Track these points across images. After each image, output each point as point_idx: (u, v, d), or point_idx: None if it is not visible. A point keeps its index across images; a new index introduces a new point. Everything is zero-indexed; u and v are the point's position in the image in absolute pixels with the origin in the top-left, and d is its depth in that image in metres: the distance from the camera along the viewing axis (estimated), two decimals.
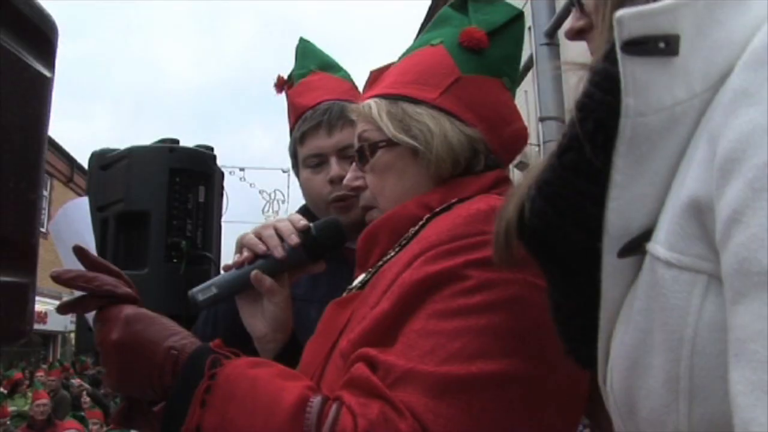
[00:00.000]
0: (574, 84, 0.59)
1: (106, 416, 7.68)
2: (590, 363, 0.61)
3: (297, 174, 1.76)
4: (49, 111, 0.56)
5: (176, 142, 2.10)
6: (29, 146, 0.54)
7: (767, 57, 0.42)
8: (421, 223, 1.05)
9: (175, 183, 2.00)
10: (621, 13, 0.50)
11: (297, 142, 1.67)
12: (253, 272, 1.16)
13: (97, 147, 2.18)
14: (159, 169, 1.98)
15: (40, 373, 11.91)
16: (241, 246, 1.29)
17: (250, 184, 11.97)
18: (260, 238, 1.24)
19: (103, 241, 2.00)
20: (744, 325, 0.38)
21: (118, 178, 2.01)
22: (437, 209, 1.05)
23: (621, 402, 0.55)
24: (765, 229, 0.37)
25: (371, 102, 1.12)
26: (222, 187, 2.30)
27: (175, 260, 2.01)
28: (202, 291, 1.19)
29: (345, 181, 1.20)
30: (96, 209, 2.04)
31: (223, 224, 2.31)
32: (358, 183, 1.16)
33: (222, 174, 2.32)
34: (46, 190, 18.45)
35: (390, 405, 0.81)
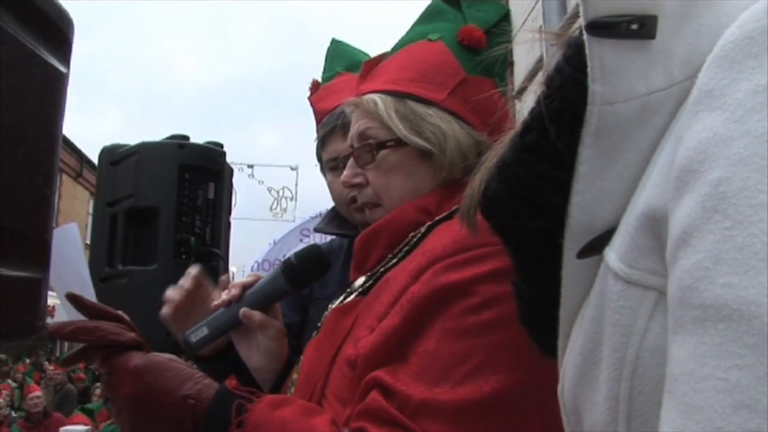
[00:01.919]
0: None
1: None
2: (554, 353, 0.56)
3: (324, 176, 1.76)
4: (64, 107, 0.56)
5: (186, 138, 2.10)
6: (44, 141, 0.54)
7: (739, 54, 0.36)
8: (422, 230, 1.03)
9: (184, 179, 2.01)
10: None
11: (319, 146, 1.67)
12: (242, 310, 1.15)
13: (106, 143, 2.19)
14: (169, 166, 1.98)
15: (51, 367, 11.95)
16: (226, 284, 1.29)
17: (259, 182, 11.97)
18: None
19: (112, 237, 2.00)
20: (679, 361, 0.34)
21: (127, 174, 2.02)
22: (438, 217, 1.03)
23: (570, 409, 0.52)
24: (711, 257, 0.33)
25: (375, 98, 1.08)
26: (231, 184, 2.30)
27: (183, 256, 2.01)
28: (194, 333, 1.20)
29: (343, 178, 1.15)
30: (105, 204, 2.05)
31: (231, 221, 2.31)
32: (358, 180, 1.12)
33: (231, 171, 2.32)
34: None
35: None
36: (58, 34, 0.56)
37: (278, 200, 11.37)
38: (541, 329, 0.61)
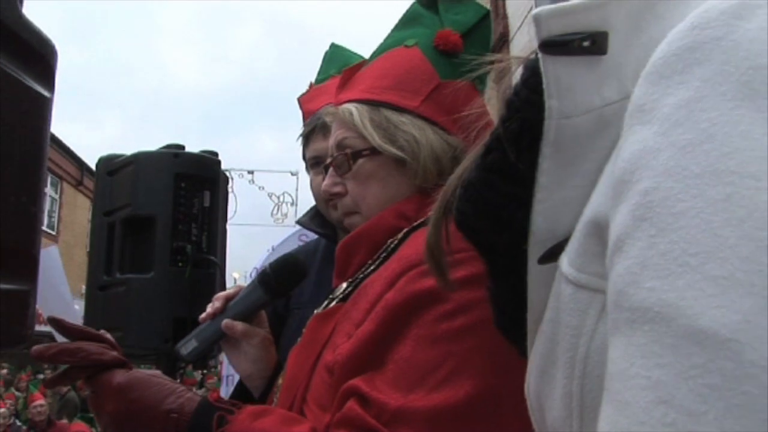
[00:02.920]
0: None
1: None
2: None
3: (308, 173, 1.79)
4: (48, 128, 0.60)
5: (181, 147, 2.13)
6: (30, 162, 0.57)
7: (666, 70, 0.38)
8: (399, 236, 1.05)
9: (180, 188, 2.04)
10: (538, 10, 0.47)
11: (303, 145, 1.70)
12: (224, 322, 1.19)
13: (107, 151, 2.22)
14: (164, 175, 2.01)
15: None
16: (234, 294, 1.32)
17: (259, 187, 11.97)
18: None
19: (110, 246, 2.04)
20: (613, 360, 0.36)
21: (124, 184, 2.05)
22: (416, 223, 1.04)
23: (535, 407, 0.54)
24: (638, 263, 0.35)
25: (351, 108, 1.09)
26: (227, 192, 2.33)
27: (180, 264, 2.04)
28: (184, 345, 1.24)
29: (323, 187, 1.16)
30: (103, 214, 2.08)
31: (232, 227, 2.34)
32: (337, 189, 1.14)
33: (227, 178, 2.35)
34: (56, 192, 18.52)
35: None
36: (42, 61, 0.60)
37: (279, 206, 11.38)
38: (516, 333, 0.64)
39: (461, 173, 0.59)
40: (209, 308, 1.23)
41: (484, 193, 0.55)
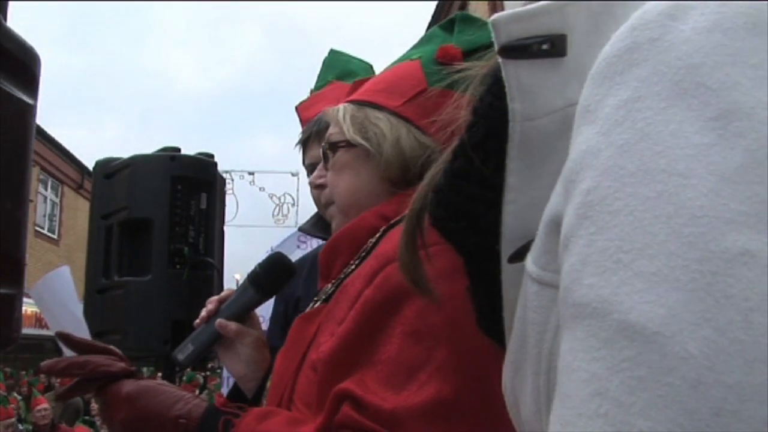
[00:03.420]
0: None
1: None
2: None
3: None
4: (32, 134, 0.61)
5: (177, 150, 2.15)
6: (14, 168, 0.58)
7: (609, 71, 0.38)
8: (378, 235, 1.07)
9: (176, 190, 2.05)
10: (496, 16, 0.47)
11: (302, 152, 1.71)
12: (218, 321, 1.20)
13: (108, 154, 2.23)
14: (161, 177, 2.03)
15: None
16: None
17: (260, 188, 11.97)
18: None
19: (107, 249, 2.05)
20: (562, 354, 0.36)
21: (121, 187, 2.06)
22: (393, 221, 1.07)
23: (511, 403, 0.55)
24: (580, 260, 0.35)
25: (341, 106, 1.15)
26: (224, 194, 2.34)
27: (178, 266, 2.06)
28: (181, 351, 1.26)
29: (309, 179, 1.23)
30: (100, 217, 2.10)
31: (234, 229, 2.36)
32: (320, 181, 1.19)
33: (224, 180, 2.37)
34: (57, 196, 18.54)
35: None
36: (25, 70, 0.61)
37: (280, 207, 11.38)
38: (496, 332, 0.65)
39: (431, 179, 0.61)
40: (203, 312, 1.25)
41: (453, 198, 0.56)
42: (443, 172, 0.57)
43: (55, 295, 1.14)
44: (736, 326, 0.30)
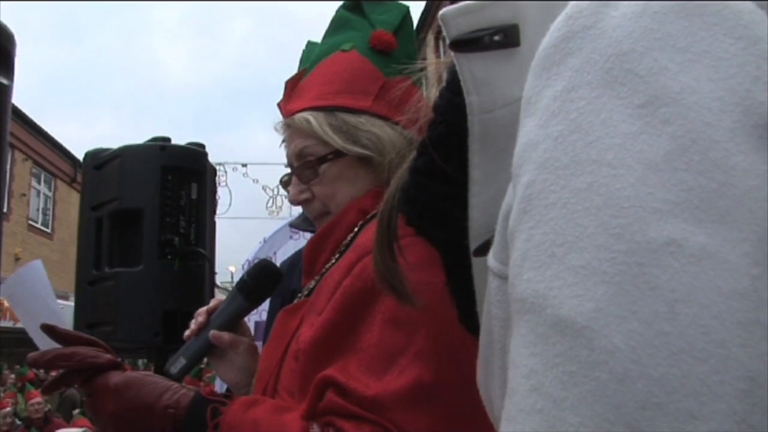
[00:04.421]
0: None
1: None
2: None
3: None
4: (8, 116, 0.59)
5: (168, 140, 2.13)
6: None
7: (547, 61, 0.38)
8: (356, 229, 1.09)
9: (167, 180, 2.03)
10: (443, 11, 0.47)
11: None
12: (211, 333, 1.20)
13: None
14: (151, 168, 2.01)
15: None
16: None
17: (254, 180, 11.96)
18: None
19: (98, 240, 2.03)
20: (511, 349, 0.36)
21: (111, 177, 2.04)
22: (370, 215, 1.08)
23: (485, 397, 0.55)
24: (521, 255, 0.35)
25: (306, 115, 1.11)
26: (215, 184, 2.33)
27: (168, 257, 2.05)
28: (173, 364, 1.25)
29: (290, 197, 1.20)
30: (90, 208, 2.08)
31: (228, 221, 2.35)
32: (304, 197, 1.16)
33: (214, 170, 2.35)
34: (50, 190, 18.46)
35: (378, 425, 0.88)
36: (0, 50, 0.59)
37: (273, 198, 11.36)
38: (473, 326, 0.64)
39: (399, 178, 0.60)
40: (192, 324, 1.24)
41: (418, 195, 0.56)
42: (408, 171, 0.57)
43: (29, 290, 1.13)
44: (662, 318, 0.29)
